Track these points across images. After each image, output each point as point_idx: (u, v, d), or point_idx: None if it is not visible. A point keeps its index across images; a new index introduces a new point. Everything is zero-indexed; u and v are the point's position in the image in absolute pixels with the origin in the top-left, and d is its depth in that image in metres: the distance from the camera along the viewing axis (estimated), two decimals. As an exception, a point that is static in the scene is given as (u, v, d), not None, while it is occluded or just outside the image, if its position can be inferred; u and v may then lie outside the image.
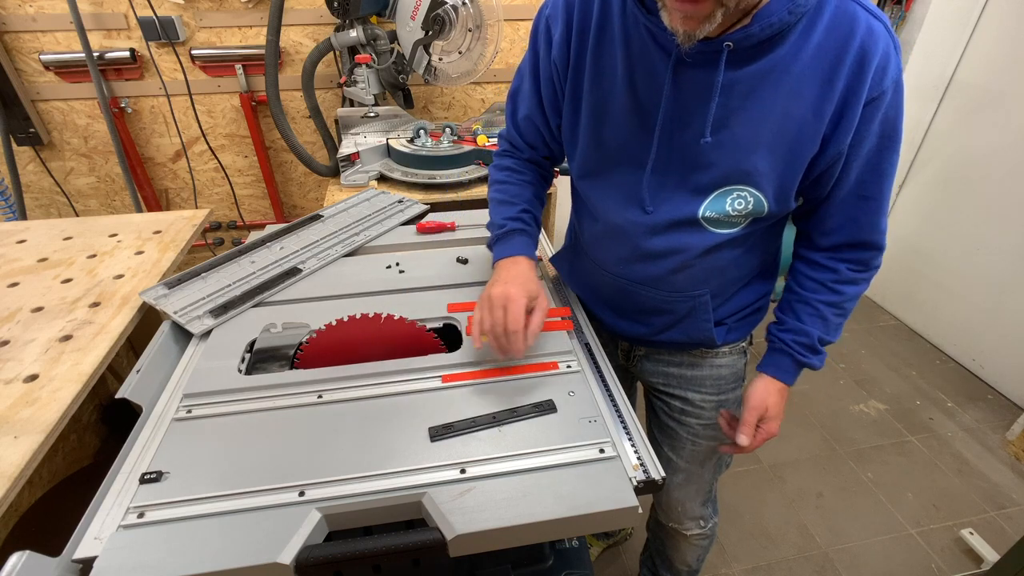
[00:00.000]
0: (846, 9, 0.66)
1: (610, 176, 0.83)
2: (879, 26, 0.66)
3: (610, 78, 0.75)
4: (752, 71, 0.67)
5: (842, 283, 0.83)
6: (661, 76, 0.71)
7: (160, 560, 0.57)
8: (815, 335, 0.84)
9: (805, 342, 0.85)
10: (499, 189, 0.94)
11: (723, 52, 0.65)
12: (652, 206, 0.80)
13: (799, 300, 0.87)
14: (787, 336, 0.87)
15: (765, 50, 0.66)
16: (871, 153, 0.73)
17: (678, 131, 0.74)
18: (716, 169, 0.74)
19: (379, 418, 0.73)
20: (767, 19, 0.63)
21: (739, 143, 0.71)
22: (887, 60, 0.66)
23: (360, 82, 1.86)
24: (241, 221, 2.36)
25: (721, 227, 0.79)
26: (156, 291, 0.97)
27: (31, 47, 1.87)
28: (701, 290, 0.87)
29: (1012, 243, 2.10)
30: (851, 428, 2.05)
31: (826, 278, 0.84)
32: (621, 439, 0.71)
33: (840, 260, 0.83)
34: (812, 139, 0.70)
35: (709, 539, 1.19)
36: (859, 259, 0.83)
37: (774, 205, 0.76)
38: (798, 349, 0.86)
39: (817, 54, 0.66)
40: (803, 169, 0.73)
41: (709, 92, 0.69)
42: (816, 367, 0.87)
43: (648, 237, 0.82)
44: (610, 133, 0.79)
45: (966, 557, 1.62)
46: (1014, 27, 2.03)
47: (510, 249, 0.88)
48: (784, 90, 0.68)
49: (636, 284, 0.90)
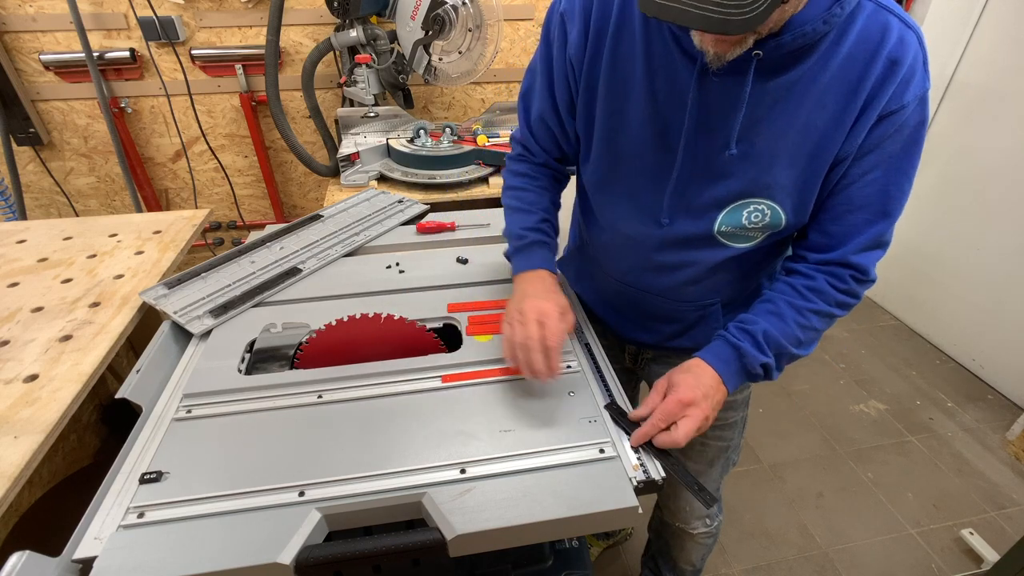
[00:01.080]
0: (879, 19, 0.63)
1: (624, 186, 0.79)
2: (912, 37, 0.63)
3: (628, 83, 0.72)
4: (780, 82, 0.64)
5: (813, 291, 0.74)
6: (685, 83, 0.67)
7: (160, 560, 0.57)
8: (761, 326, 0.73)
9: (747, 328, 0.74)
10: (515, 196, 0.90)
11: (752, 61, 0.62)
12: (668, 219, 0.76)
13: (762, 300, 0.78)
14: (733, 324, 0.76)
15: (795, 60, 0.63)
16: (885, 172, 0.68)
17: (700, 142, 0.70)
18: (736, 181, 0.71)
19: (379, 418, 0.73)
20: (800, 28, 0.60)
21: (761, 154, 0.68)
22: (913, 72, 0.63)
23: (360, 82, 1.86)
24: (241, 221, 2.36)
25: (737, 241, 0.76)
26: (156, 291, 0.97)
27: (31, 47, 1.87)
28: (712, 299, 0.85)
29: (1012, 243, 2.10)
30: (851, 428, 2.05)
31: (798, 282, 0.75)
32: (621, 439, 0.71)
33: (821, 272, 0.74)
34: (831, 150, 0.67)
35: (714, 538, 1.19)
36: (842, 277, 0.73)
37: (792, 217, 0.72)
38: (735, 332, 0.74)
39: (845, 64, 0.63)
40: (821, 180, 0.69)
41: (735, 102, 0.65)
42: (752, 362, 0.72)
43: (659, 250, 0.80)
44: (626, 141, 0.75)
45: (966, 557, 1.62)
46: (1014, 27, 2.03)
47: (532, 262, 0.84)
48: (809, 101, 0.65)
49: (645, 293, 0.88)
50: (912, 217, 2.46)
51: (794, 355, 0.75)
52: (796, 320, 0.73)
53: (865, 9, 0.63)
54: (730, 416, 1.01)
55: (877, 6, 0.63)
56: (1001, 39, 2.08)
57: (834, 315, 0.75)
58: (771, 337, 0.72)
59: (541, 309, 0.74)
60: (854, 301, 0.74)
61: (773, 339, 0.72)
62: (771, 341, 0.72)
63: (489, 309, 0.94)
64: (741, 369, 0.73)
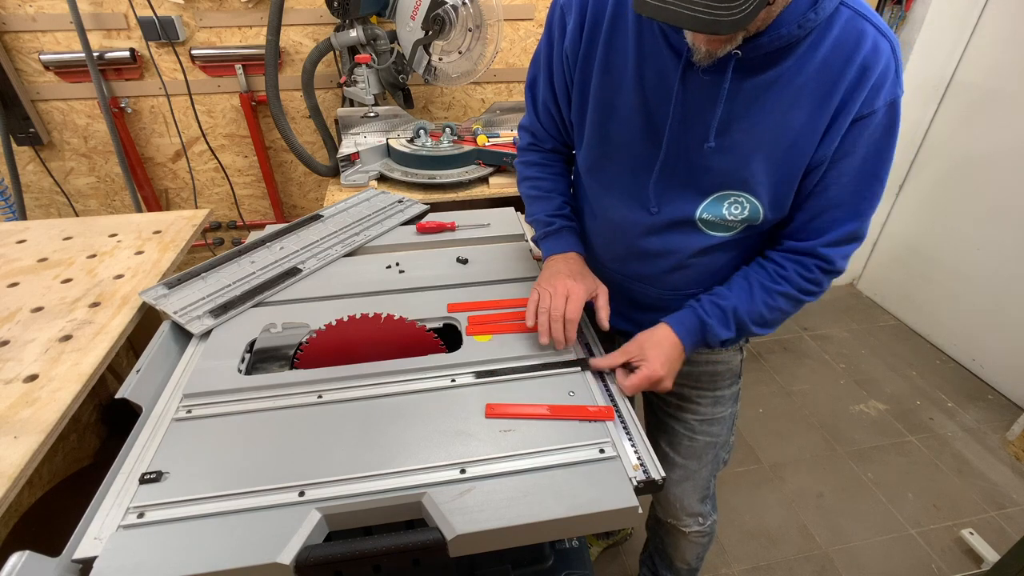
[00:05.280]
0: (855, 26, 0.66)
1: (613, 172, 0.83)
2: (885, 45, 0.66)
3: (620, 73, 0.75)
4: (757, 81, 0.68)
5: (784, 279, 0.80)
6: (671, 77, 0.71)
7: (160, 560, 0.57)
8: (732, 302, 0.80)
9: (717, 302, 0.81)
10: (533, 185, 0.96)
11: (731, 60, 0.66)
12: (657, 207, 0.80)
13: (738, 275, 0.84)
14: (706, 297, 0.83)
15: (772, 61, 0.67)
16: (854, 176, 0.72)
17: (683, 133, 0.74)
18: (716, 173, 0.75)
19: (379, 418, 0.73)
20: (776, 31, 0.63)
21: (739, 149, 0.72)
22: (884, 79, 0.67)
23: (360, 82, 1.86)
24: (241, 221, 2.36)
25: (716, 230, 0.80)
26: (156, 291, 0.97)
27: (31, 47, 1.87)
28: (695, 289, 0.87)
29: (1012, 243, 2.10)
30: (851, 428, 2.05)
31: (771, 267, 0.82)
32: (621, 439, 0.71)
33: (792, 262, 0.80)
34: (806, 150, 0.71)
35: (708, 537, 1.19)
36: (809, 267, 0.79)
37: (769, 212, 0.77)
38: (706, 306, 0.82)
39: (822, 68, 0.66)
40: (798, 179, 0.74)
41: (715, 98, 0.69)
42: (716, 336, 0.81)
43: (645, 236, 0.84)
44: (616, 129, 0.79)
45: (966, 557, 1.62)
46: (1014, 27, 2.03)
47: (562, 245, 0.91)
48: (786, 101, 0.68)
49: (632, 280, 0.91)
50: (912, 217, 2.46)
51: (753, 333, 0.83)
52: (765, 301, 0.80)
53: (842, 16, 0.66)
54: (718, 411, 1.02)
55: (855, 13, 0.66)
56: (1001, 39, 2.09)
57: (801, 300, 0.81)
58: (739, 315, 0.81)
59: (569, 287, 0.82)
60: (819, 290, 0.81)
61: (739, 318, 0.81)
62: (738, 319, 0.81)
63: (489, 309, 0.94)
64: (702, 340, 0.83)
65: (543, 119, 0.93)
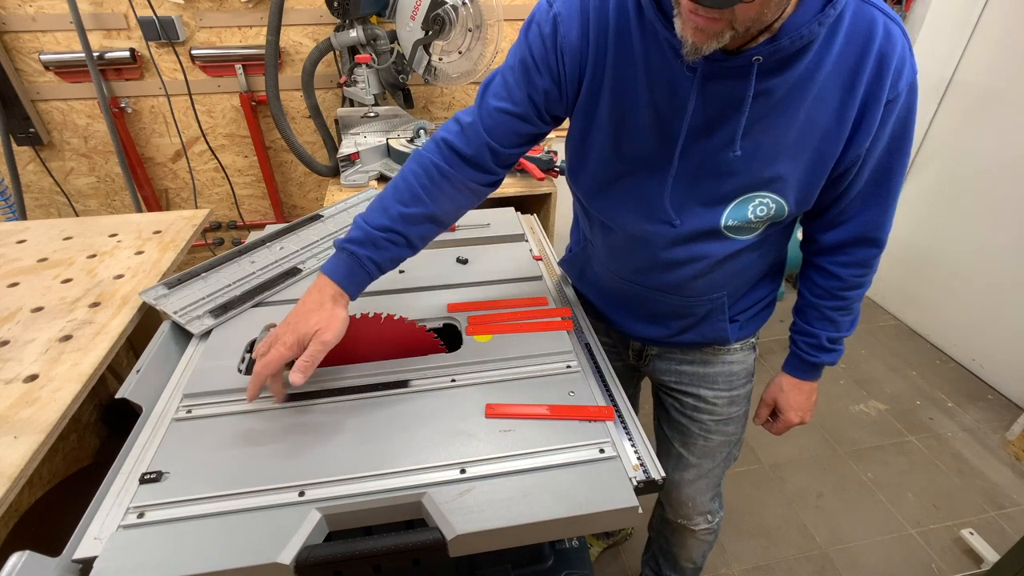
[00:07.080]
0: (864, 13, 0.66)
1: (628, 186, 0.80)
2: (896, 29, 0.67)
3: (632, 90, 0.73)
4: (780, 82, 0.67)
5: (846, 289, 0.87)
6: (684, 88, 0.69)
7: (160, 560, 0.57)
8: (823, 336, 0.91)
9: (813, 343, 0.92)
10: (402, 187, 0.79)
11: (753, 66, 0.64)
12: (678, 219, 0.78)
13: (808, 305, 0.92)
14: (798, 339, 0.95)
15: (792, 61, 0.66)
16: (883, 153, 0.74)
17: (701, 142, 0.73)
18: (739, 178, 0.74)
19: (379, 418, 0.73)
20: (796, 31, 0.62)
21: (763, 151, 0.71)
22: (903, 63, 0.67)
23: (360, 82, 1.86)
24: (241, 221, 2.36)
25: (742, 234, 0.79)
26: (156, 291, 0.97)
27: (31, 47, 1.87)
28: (719, 293, 0.87)
29: (1012, 243, 2.10)
30: (851, 428, 2.05)
31: (832, 286, 0.88)
32: (621, 439, 0.71)
33: (843, 265, 0.86)
34: (835, 144, 0.71)
35: (715, 534, 1.19)
36: (861, 259, 0.85)
37: (795, 208, 0.77)
38: (807, 349, 0.93)
39: (839, 60, 0.66)
40: (827, 174, 0.74)
41: (737, 105, 0.68)
42: (830, 363, 0.93)
43: (669, 248, 0.81)
44: (630, 142, 0.76)
45: (966, 557, 1.62)
46: (1014, 27, 2.03)
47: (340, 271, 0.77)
48: (809, 98, 0.68)
49: (654, 291, 0.89)
50: (912, 217, 2.46)
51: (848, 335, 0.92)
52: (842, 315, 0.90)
53: (850, 4, 0.66)
54: (733, 411, 1.03)
55: (860, 0, 0.67)
56: (1001, 39, 2.08)
57: (864, 286, 0.89)
58: (833, 339, 0.91)
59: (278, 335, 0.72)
60: (871, 272, 0.87)
61: (835, 338, 0.91)
62: (834, 340, 0.91)
63: (489, 309, 0.94)
64: (820, 371, 0.96)
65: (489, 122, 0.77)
